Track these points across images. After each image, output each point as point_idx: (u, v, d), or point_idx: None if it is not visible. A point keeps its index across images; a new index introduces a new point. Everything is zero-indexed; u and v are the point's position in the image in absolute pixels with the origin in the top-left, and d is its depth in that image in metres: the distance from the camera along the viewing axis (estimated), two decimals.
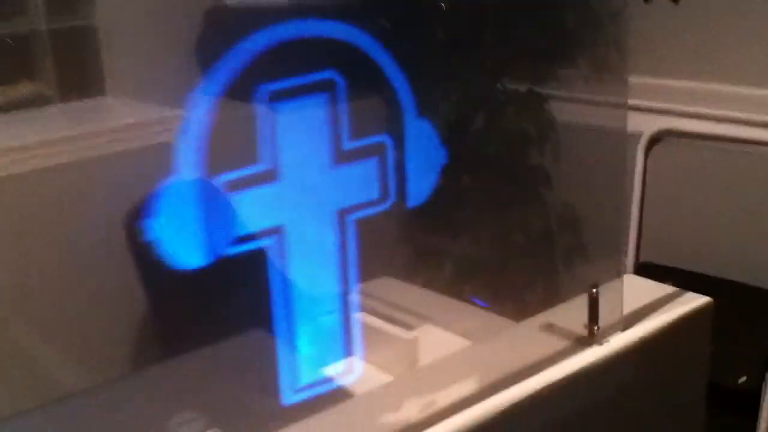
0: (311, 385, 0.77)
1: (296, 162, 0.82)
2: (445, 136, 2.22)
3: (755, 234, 2.23)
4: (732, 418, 2.15)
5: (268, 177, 0.80)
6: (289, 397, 0.79)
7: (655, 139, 2.32)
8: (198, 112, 0.86)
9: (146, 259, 0.78)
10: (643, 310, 1.03)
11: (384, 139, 0.89)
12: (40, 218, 1.97)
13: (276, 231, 0.80)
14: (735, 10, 2.26)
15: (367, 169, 0.87)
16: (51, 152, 2.04)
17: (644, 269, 2.35)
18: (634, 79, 2.33)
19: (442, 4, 2.30)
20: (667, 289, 1.08)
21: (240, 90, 0.91)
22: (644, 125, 2.31)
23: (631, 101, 2.23)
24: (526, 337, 0.96)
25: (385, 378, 0.93)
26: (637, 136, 2.32)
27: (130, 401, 1.05)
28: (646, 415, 1.02)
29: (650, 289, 1.08)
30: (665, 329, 1.00)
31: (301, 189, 0.82)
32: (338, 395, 0.79)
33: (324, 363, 0.80)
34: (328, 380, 0.79)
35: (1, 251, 1.81)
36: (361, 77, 1.03)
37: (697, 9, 2.32)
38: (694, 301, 1.06)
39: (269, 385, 0.78)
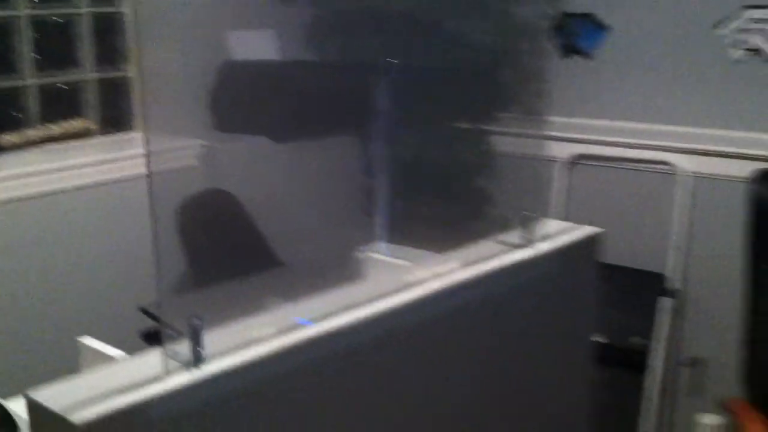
0: None
1: None
2: (409, 164, 2.86)
3: (644, 229, 2.79)
4: (628, 373, 2.69)
5: None
6: None
7: (572, 162, 2.92)
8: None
9: None
10: (560, 232, 1.60)
11: None
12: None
13: None
14: (629, 66, 2.87)
15: None
16: (91, 172, 2.55)
17: None
18: (555, 118, 2.98)
19: (395, 61, 2.84)
20: (575, 225, 1.65)
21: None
22: (564, 151, 2.90)
23: (553, 134, 2.87)
24: (489, 246, 1.52)
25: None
26: (558, 160, 2.91)
27: None
28: (555, 301, 1.57)
29: (565, 224, 1.65)
30: (572, 242, 1.58)
31: None
32: None
33: None
34: None
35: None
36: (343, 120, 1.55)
37: (602, 64, 2.94)
38: (591, 229, 1.64)
39: None
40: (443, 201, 2.87)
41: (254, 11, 3.05)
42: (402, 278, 1.39)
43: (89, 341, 1.43)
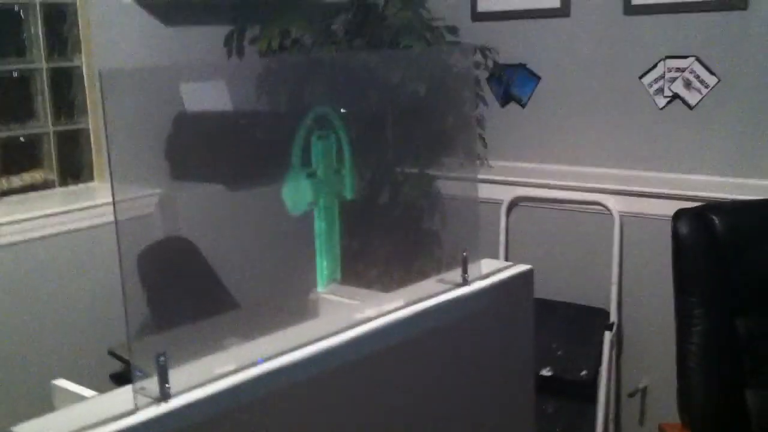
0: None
1: None
2: (359, 207, 3.01)
3: (585, 268, 2.96)
4: (577, 404, 2.84)
5: None
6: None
7: (513, 204, 3.08)
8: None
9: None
10: (495, 270, 1.74)
11: None
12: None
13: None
14: (564, 113, 3.06)
15: None
16: (54, 222, 2.63)
17: None
18: (495, 162, 3.15)
19: (343, 110, 2.99)
20: (509, 263, 1.80)
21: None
22: (504, 194, 3.06)
23: (495, 177, 3.02)
24: (430, 284, 1.66)
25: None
26: (500, 202, 3.08)
27: None
28: (493, 334, 1.71)
29: (501, 263, 1.79)
30: (506, 278, 1.72)
31: None
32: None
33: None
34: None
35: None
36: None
37: (537, 112, 3.12)
38: (521, 267, 1.78)
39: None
40: (389, 242, 3.02)
41: (206, 64, 3.19)
42: (351, 316, 1.52)
43: (63, 383, 1.52)
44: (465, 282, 1.68)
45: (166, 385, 1.22)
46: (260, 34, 3.03)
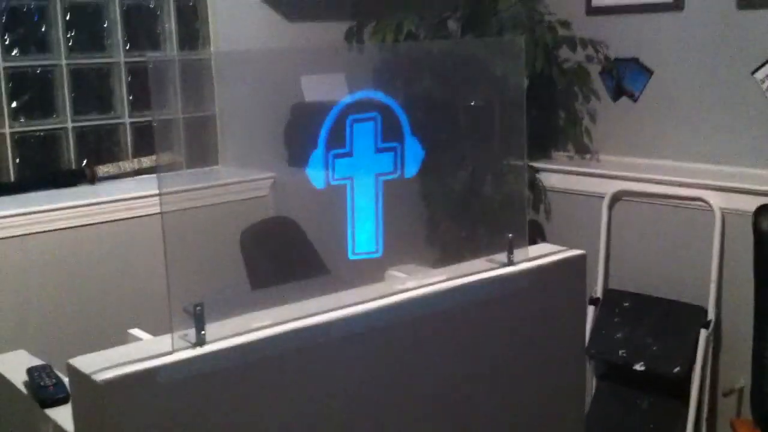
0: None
1: None
2: (461, 193, 3.10)
3: (684, 264, 2.92)
4: (671, 400, 2.82)
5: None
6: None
7: (616, 198, 3.08)
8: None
9: None
10: (544, 254, 1.81)
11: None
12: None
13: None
14: (675, 108, 3.04)
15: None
16: (185, 198, 2.89)
17: (609, 293, 3.06)
18: (605, 156, 3.16)
19: (472, 102, 3.08)
20: (562, 248, 1.85)
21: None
22: (607, 188, 3.07)
23: (599, 171, 3.05)
24: (478, 263, 1.75)
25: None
26: (602, 196, 3.08)
27: None
28: (536, 322, 1.77)
29: (553, 248, 1.86)
30: (555, 262, 1.78)
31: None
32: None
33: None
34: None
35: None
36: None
37: (649, 107, 3.11)
38: (573, 252, 1.83)
39: None
40: (459, 227, 3.12)
41: (326, 56, 3.37)
42: (393, 286, 1.64)
43: (137, 332, 1.74)
44: (510, 262, 1.76)
45: (202, 332, 1.39)
46: (374, 29, 3.18)
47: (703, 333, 2.76)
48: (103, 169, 2.88)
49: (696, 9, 2.93)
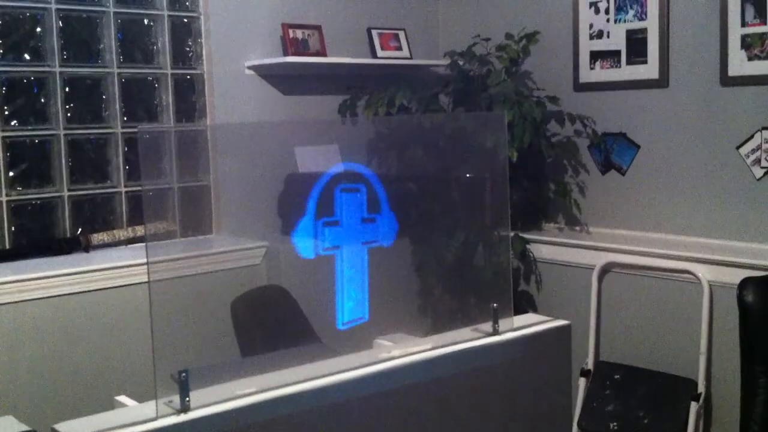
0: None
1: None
2: (452, 264, 3.12)
3: (674, 336, 2.92)
4: None
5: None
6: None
7: (605, 270, 3.11)
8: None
9: None
10: (529, 324, 1.83)
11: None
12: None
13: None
14: (662, 181, 3.08)
15: None
16: (175, 266, 2.91)
17: (600, 365, 3.06)
18: (594, 229, 3.20)
19: (471, 175, 3.13)
20: (547, 318, 1.88)
21: None
22: (596, 260, 3.10)
23: (588, 243, 3.08)
24: (463, 332, 1.77)
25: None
26: (592, 268, 3.11)
27: None
28: (523, 392, 1.78)
29: (538, 317, 1.88)
30: (540, 332, 1.81)
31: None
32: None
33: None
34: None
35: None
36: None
37: (637, 180, 3.16)
38: (558, 322, 1.86)
39: None
40: (449, 297, 3.14)
41: (320, 128, 3.44)
42: (379, 355, 1.66)
43: (124, 399, 1.75)
44: (495, 332, 1.78)
45: (187, 399, 1.40)
46: (367, 102, 3.25)
47: (694, 406, 2.75)
48: (97, 238, 2.91)
49: (680, 86, 3.00)
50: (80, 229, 2.91)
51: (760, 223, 2.81)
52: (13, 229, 2.79)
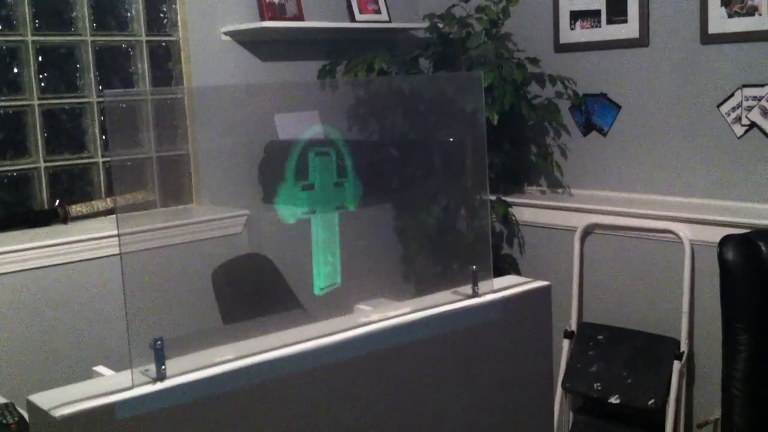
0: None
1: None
2: (434, 228, 3.12)
3: (656, 296, 2.94)
4: None
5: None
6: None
7: (587, 231, 3.11)
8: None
9: None
10: (509, 285, 1.82)
11: None
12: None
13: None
14: (643, 141, 3.07)
15: None
16: (153, 237, 2.89)
17: (583, 326, 3.07)
18: (576, 190, 3.20)
19: (451, 139, 3.11)
20: (526, 279, 1.87)
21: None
22: (579, 221, 3.10)
23: (570, 204, 3.08)
24: (443, 296, 1.76)
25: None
26: (574, 229, 3.11)
27: None
28: (503, 354, 1.78)
29: (518, 279, 1.87)
30: (520, 293, 1.79)
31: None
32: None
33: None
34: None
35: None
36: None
37: (618, 141, 3.15)
38: (538, 283, 1.85)
39: None
40: (430, 262, 3.14)
41: (300, 94, 3.41)
42: (358, 319, 1.65)
43: (101, 369, 1.73)
44: (475, 294, 1.77)
45: (162, 367, 1.39)
46: (346, 67, 3.22)
47: (677, 365, 2.77)
48: (75, 209, 2.88)
49: (661, 45, 2.98)
50: (58, 201, 2.88)
51: (740, 181, 2.81)
52: None
